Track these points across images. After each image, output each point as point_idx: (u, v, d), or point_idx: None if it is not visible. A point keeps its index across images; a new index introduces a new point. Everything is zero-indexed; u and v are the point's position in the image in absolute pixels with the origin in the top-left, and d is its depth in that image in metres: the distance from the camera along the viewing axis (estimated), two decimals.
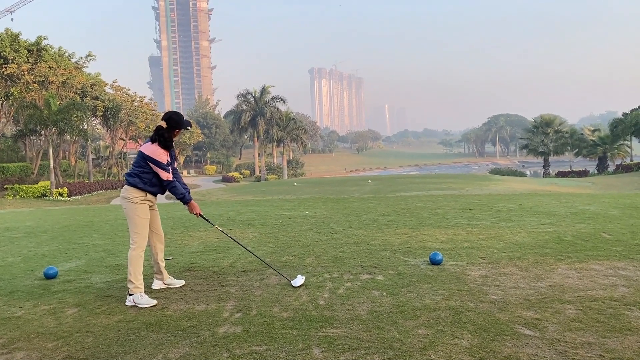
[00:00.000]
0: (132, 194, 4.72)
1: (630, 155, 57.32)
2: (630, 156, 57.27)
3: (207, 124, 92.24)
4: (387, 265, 5.57)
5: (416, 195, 16.80)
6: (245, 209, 12.36)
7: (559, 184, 33.56)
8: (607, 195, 14.19)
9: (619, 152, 56.29)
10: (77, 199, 32.93)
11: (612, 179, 41.95)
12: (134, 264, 4.62)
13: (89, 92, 43.74)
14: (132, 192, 4.73)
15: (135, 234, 4.71)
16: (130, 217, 4.74)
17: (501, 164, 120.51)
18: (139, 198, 4.71)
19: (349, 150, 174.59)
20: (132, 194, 4.72)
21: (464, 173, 77.66)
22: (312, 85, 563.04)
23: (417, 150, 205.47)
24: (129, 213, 4.74)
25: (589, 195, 15.07)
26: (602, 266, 5.25)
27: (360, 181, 38.48)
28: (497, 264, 5.47)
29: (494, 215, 9.32)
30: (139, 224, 4.71)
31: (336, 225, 8.70)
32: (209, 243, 7.39)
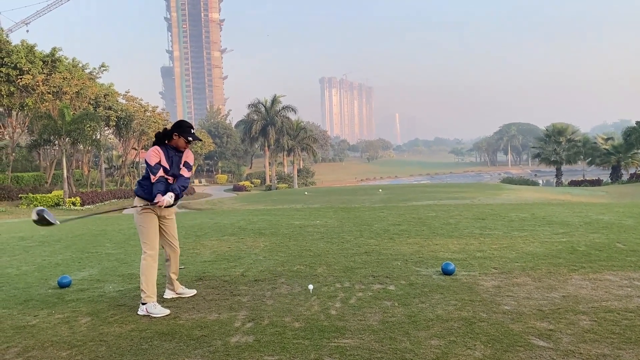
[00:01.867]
0: (135, 202, 4.83)
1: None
2: None
3: (219, 134, 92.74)
4: (399, 275, 5.56)
5: (427, 205, 16.74)
6: (256, 218, 12.39)
7: (572, 193, 33.24)
8: (621, 205, 14.04)
9: (633, 161, 55.58)
10: (89, 208, 33.21)
11: (626, 188, 41.47)
12: (145, 273, 4.65)
13: (102, 103, 44.22)
14: (136, 201, 4.85)
15: (143, 243, 4.78)
16: (136, 225, 4.85)
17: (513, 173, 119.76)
18: (141, 206, 4.76)
19: (360, 159, 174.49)
20: (135, 203, 4.82)
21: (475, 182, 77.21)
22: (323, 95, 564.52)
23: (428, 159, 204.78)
24: (135, 222, 4.86)
25: (602, 204, 14.92)
26: (617, 277, 5.20)
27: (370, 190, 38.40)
28: (509, 274, 5.43)
29: (506, 225, 9.26)
30: (144, 233, 4.77)
31: (347, 235, 8.69)
32: (221, 252, 7.42)
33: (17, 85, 36.98)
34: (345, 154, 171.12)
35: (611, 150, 56.17)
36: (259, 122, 67.22)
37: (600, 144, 59.03)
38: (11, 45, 37.62)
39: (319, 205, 21.38)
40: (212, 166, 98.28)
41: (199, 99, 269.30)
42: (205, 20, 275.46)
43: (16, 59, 36.39)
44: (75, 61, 43.25)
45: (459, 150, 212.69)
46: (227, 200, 37.69)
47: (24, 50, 37.38)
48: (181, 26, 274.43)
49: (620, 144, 56.15)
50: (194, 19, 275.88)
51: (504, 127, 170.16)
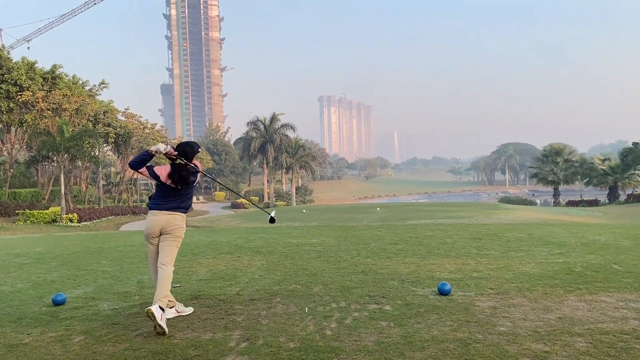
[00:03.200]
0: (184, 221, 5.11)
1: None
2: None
3: (217, 151, 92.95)
4: (395, 295, 5.54)
5: (425, 224, 16.74)
6: (254, 236, 12.37)
7: (570, 214, 33.27)
8: (618, 226, 14.06)
9: (630, 181, 55.74)
10: (87, 224, 33.10)
11: (624, 209, 41.52)
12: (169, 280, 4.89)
13: (102, 119, 44.37)
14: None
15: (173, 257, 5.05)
16: (179, 241, 5.08)
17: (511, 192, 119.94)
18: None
19: (358, 178, 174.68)
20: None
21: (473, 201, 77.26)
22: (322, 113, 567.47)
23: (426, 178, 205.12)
24: (180, 237, 5.09)
25: (599, 225, 14.93)
26: (613, 298, 5.19)
27: (368, 209, 38.39)
28: (506, 295, 5.42)
29: (503, 245, 9.26)
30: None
31: (344, 254, 8.68)
32: (217, 270, 7.40)
33: (17, 102, 37.14)
34: (343, 172, 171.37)
35: (608, 171, 56.38)
36: (258, 139, 67.45)
37: (597, 164, 59.27)
38: (12, 62, 37.91)
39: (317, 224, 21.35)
40: (210, 183, 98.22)
41: (198, 117, 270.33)
42: (205, 39, 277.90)
43: (16, 75, 36.62)
44: (75, 78, 43.53)
45: (457, 170, 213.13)
46: (224, 217, 37.63)
47: (25, 67, 37.64)
48: (182, 44, 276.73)
49: (617, 164, 56.37)
50: (195, 37, 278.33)
51: (501, 146, 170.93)
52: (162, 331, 4.33)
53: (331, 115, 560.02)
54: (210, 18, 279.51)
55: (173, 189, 4.90)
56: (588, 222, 20.49)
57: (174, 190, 4.91)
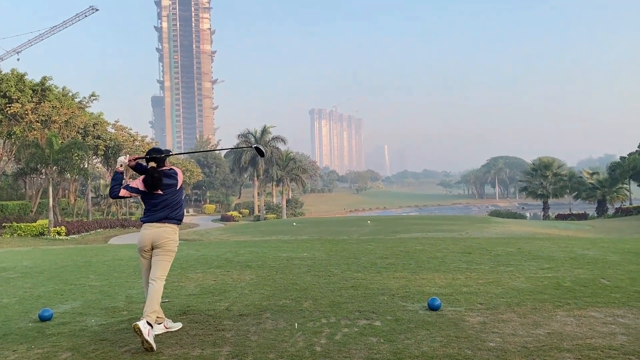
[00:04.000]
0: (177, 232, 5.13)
1: (630, 199, 57.38)
2: (630, 200, 57.35)
3: (208, 163, 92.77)
4: (385, 310, 5.54)
5: (415, 238, 16.78)
6: (243, 250, 12.32)
7: (559, 227, 33.50)
8: (607, 240, 14.17)
9: (618, 195, 56.35)
10: (75, 237, 32.78)
11: (612, 223, 41.89)
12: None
13: (91, 132, 44.20)
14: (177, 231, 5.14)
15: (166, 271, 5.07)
16: (171, 255, 5.10)
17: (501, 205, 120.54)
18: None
19: (349, 190, 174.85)
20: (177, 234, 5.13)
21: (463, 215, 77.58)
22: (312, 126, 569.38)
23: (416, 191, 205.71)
24: (173, 251, 5.09)
25: (588, 239, 15.05)
26: (601, 313, 5.23)
27: (359, 222, 38.41)
28: (495, 310, 5.44)
29: (492, 260, 9.30)
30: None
31: (334, 268, 8.67)
32: (206, 285, 7.36)
33: (6, 114, 36.89)
34: (334, 185, 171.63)
35: (597, 185, 56.97)
36: (249, 152, 67.43)
37: (586, 178, 59.89)
38: (1, 74, 37.69)
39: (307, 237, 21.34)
40: (200, 196, 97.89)
41: (189, 129, 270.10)
42: (196, 52, 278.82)
43: (5, 87, 36.41)
44: (65, 90, 43.36)
45: (448, 183, 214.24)
46: (214, 230, 37.45)
47: (14, 79, 37.45)
48: (173, 57, 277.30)
49: (606, 178, 57.02)
50: (186, 50, 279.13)
51: (491, 160, 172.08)
52: (150, 347, 4.29)
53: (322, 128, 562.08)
54: (202, 31, 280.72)
55: (156, 196, 4.90)
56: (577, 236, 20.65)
57: (157, 198, 4.91)
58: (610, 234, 28.92)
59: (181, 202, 5.09)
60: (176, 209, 4.99)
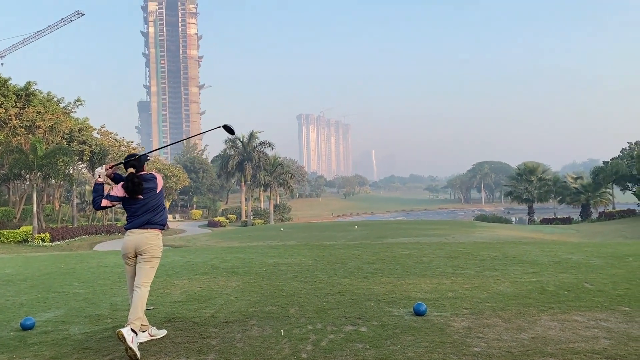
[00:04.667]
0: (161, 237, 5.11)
1: (613, 203, 58.25)
2: (613, 204, 58.20)
3: (195, 169, 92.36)
4: (371, 316, 5.54)
5: (402, 243, 16.81)
6: (230, 256, 12.25)
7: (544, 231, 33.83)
8: (590, 244, 14.33)
9: (602, 199, 57.17)
10: (59, 244, 32.38)
11: (596, 227, 42.42)
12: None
13: (77, 137, 43.76)
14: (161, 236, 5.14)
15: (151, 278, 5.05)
16: (156, 261, 5.06)
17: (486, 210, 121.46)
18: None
19: (336, 195, 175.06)
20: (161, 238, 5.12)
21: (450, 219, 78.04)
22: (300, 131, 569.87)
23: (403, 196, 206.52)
24: (157, 256, 5.06)
25: (572, 243, 15.21)
26: (584, 317, 5.28)
27: (347, 226, 38.47)
28: (480, 315, 5.47)
29: (478, 264, 9.35)
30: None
31: (321, 274, 8.66)
32: (192, 292, 7.30)
33: None
34: (322, 190, 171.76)
35: (580, 189, 57.71)
36: (236, 157, 67.23)
37: (570, 182, 60.61)
38: None
39: (295, 242, 21.28)
40: (187, 201, 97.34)
41: (176, 134, 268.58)
42: (183, 57, 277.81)
43: None
44: (50, 95, 42.96)
45: (434, 188, 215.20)
46: (201, 236, 37.26)
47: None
48: (159, 62, 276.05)
49: (589, 183, 57.75)
50: (173, 55, 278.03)
51: (477, 165, 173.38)
52: (134, 355, 4.24)
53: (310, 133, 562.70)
54: (189, 36, 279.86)
55: (136, 202, 4.88)
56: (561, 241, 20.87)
57: (137, 203, 4.89)
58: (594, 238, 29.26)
59: (162, 206, 5.05)
60: (157, 213, 4.95)
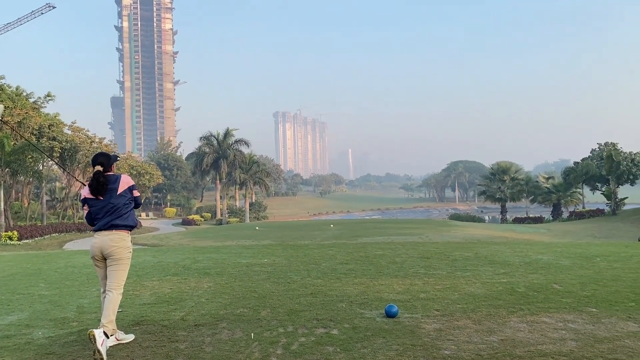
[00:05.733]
0: (129, 238, 5.04)
1: (583, 203, 59.56)
2: (583, 203, 59.51)
3: (169, 166, 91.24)
4: (343, 318, 5.52)
5: (376, 242, 16.88)
6: (203, 256, 12.11)
7: (516, 230, 34.40)
8: (560, 244, 14.60)
9: (572, 199, 58.46)
10: (28, 242, 31.61)
11: (566, 226, 43.32)
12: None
13: (46, 133, 42.77)
14: (129, 236, 5.06)
15: (123, 281, 4.98)
16: (127, 263, 5.00)
17: (460, 209, 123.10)
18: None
19: (313, 194, 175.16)
20: (129, 239, 5.04)
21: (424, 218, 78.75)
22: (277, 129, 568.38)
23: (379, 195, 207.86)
24: (128, 258, 5.00)
25: (542, 243, 15.47)
26: (553, 319, 5.35)
27: (322, 225, 38.49)
28: (451, 317, 5.50)
29: (450, 265, 9.43)
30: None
31: (294, 275, 8.61)
32: (161, 294, 7.17)
33: None
34: (298, 188, 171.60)
35: (552, 189, 58.93)
36: (211, 155, 66.65)
37: (542, 182, 61.85)
38: None
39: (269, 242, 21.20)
40: (161, 199, 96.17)
41: (150, 131, 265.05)
42: (158, 52, 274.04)
43: None
44: (19, 90, 41.90)
45: (409, 186, 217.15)
46: (174, 235, 36.82)
47: None
48: (133, 57, 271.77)
49: (561, 183, 59.03)
50: (147, 50, 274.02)
51: (451, 164, 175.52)
52: (101, 358, 4.16)
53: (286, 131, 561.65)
54: (164, 31, 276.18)
55: (99, 202, 4.79)
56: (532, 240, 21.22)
57: (100, 204, 4.80)
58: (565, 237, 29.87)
59: (127, 207, 4.90)
60: (121, 215, 4.82)
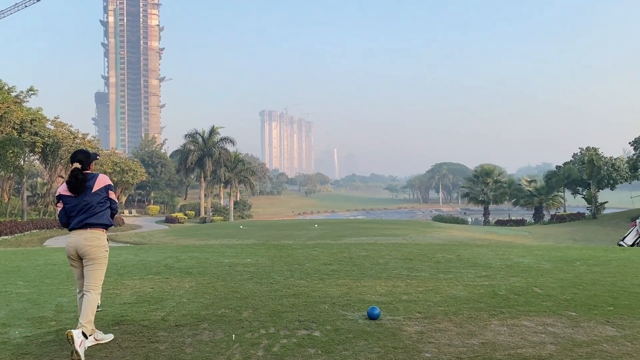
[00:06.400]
0: (105, 237, 4.93)
1: (564, 206, 60.41)
2: (564, 207, 60.36)
3: (153, 163, 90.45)
4: (325, 319, 5.51)
5: (360, 243, 16.91)
6: (185, 255, 12.01)
7: (498, 233, 34.73)
8: (541, 247, 14.75)
9: (554, 202, 59.21)
10: (7, 239, 31.11)
11: (548, 229, 43.85)
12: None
13: (28, 128, 42.11)
14: (105, 235, 4.95)
15: (101, 280, 4.86)
16: (103, 262, 4.89)
17: (444, 210, 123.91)
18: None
19: (298, 193, 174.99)
20: (105, 238, 4.93)
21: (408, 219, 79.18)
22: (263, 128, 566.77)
23: (364, 195, 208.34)
24: (104, 258, 4.89)
25: (523, 247, 15.62)
26: (533, 322, 5.39)
27: (307, 225, 38.48)
28: (433, 319, 5.52)
29: (433, 267, 9.47)
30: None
31: (277, 275, 8.58)
32: (142, 293, 7.09)
33: None
34: (283, 187, 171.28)
35: (534, 192, 59.62)
36: (196, 152, 66.30)
37: (524, 185, 62.56)
38: None
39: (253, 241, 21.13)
40: (145, 196, 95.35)
41: (134, 127, 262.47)
42: (144, 48, 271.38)
43: None
44: (0, 83, 41.17)
45: (394, 187, 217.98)
46: (157, 233, 36.52)
47: None
48: (119, 53, 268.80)
49: (543, 186, 59.78)
50: (133, 46, 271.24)
51: (435, 166, 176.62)
52: (79, 359, 4.09)
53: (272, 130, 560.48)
54: (150, 27, 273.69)
55: (74, 200, 4.71)
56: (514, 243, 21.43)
57: (74, 201, 4.71)
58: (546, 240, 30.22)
59: (102, 206, 4.79)
60: (97, 214, 4.74)
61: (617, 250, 13.59)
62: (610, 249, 14.34)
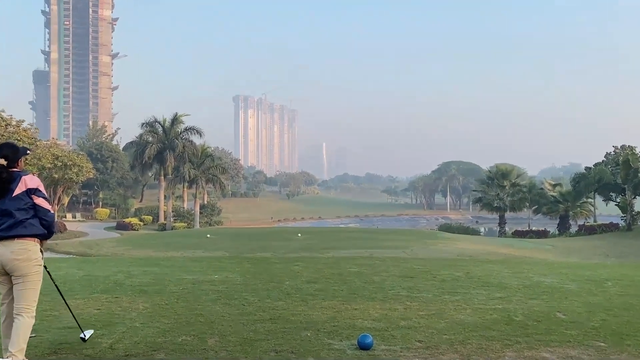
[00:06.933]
0: (38, 249, 4.86)
1: (594, 215, 60.31)
2: (594, 216, 60.28)
3: (102, 157, 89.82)
4: (307, 350, 5.51)
5: (351, 257, 16.99)
6: (139, 270, 11.96)
7: (515, 246, 35.01)
8: (566, 265, 14.91)
9: (582, 211, 59.07)
10: None
11: (574, 242, 44.29)
12: None
13: None
14: (38, 246, 4.87)
15: (34, 301, 4.82)
16: (37, 281, 4.85)
17: (452, 218, 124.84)
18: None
19: (278, 195, 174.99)
20: (38, 250, 4.86)
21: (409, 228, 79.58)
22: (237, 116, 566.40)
23: (357, 198, 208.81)
24: (38, 275, 4.85)
25: (545, 263, 15.79)
26: (554, 354, 5.44)
27: (288, 234, 38.50)
28: (435, 350, 5.54)
29: (437, 286, 9.53)
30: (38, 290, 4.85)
31: (251, 295, 8.58)
32: (86, 315, 7.04)
33: None
34: (261, 188, 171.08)
35: (559, 198, 59.57)
36: (155, 145, 65.95)
37: (547, 190, 62.66)
38: None
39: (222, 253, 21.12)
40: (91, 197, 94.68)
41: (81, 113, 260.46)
42: (93, 18, 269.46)
43: None
44: None
45: (393, 190, 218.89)
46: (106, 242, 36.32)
47: None
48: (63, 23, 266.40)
49: (569, 191, 59.55)
50: (80, 15, 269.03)
51: (443, 165, 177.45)
52: None
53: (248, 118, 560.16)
54: None
55: (0, 203, 4.62)
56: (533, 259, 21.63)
57: (1, 205, 4.61)
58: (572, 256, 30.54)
59: (25, 214, 4.67)
60: (22, 222, 4.63)
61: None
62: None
